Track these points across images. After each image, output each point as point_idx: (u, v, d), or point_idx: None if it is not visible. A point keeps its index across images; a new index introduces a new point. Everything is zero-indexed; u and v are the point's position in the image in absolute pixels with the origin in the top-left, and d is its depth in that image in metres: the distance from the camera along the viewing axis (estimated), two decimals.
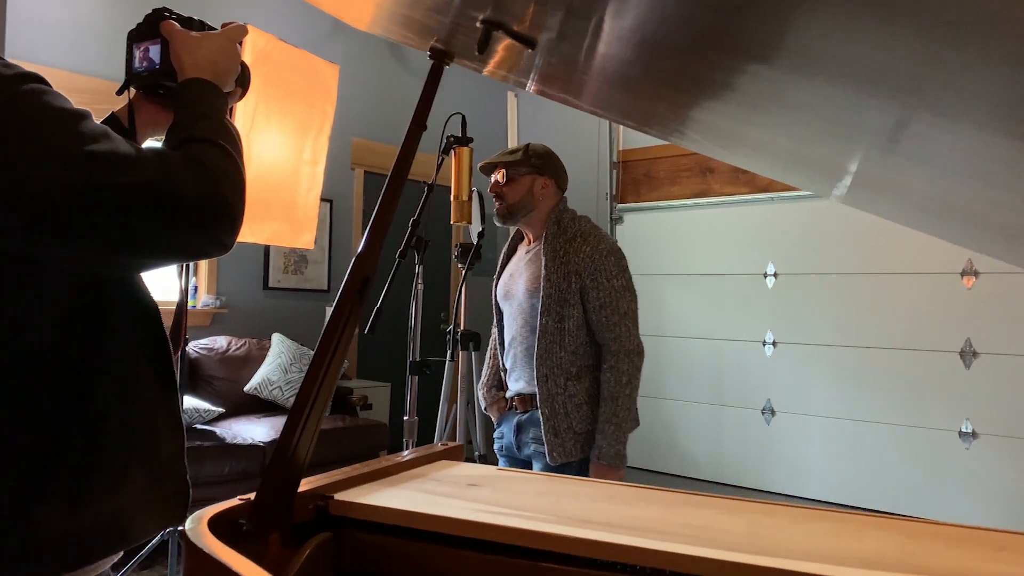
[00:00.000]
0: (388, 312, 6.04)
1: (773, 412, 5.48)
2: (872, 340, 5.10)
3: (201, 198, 0.97)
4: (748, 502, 1.25)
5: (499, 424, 2.54)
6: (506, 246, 2.61)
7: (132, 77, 1.17)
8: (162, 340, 1.13)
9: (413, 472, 1.29)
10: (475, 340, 3.17)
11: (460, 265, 3.17)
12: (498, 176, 2.40)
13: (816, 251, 5.33)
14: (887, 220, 1.96)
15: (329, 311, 5.11)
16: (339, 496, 1.12)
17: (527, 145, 2.42)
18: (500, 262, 2.61)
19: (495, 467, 1.35)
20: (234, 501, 1.04)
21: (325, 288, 5.54)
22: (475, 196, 2.41)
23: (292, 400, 4.54)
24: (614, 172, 6.28)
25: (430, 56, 0.90)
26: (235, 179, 1.04)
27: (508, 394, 2.51)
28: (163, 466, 1.09)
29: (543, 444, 2.29)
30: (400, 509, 1.07)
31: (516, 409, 2.44)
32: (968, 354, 4.76)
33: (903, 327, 4.99)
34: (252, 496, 1.04)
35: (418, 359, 2.27)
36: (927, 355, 4.90)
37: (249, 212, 2.95)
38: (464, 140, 2.31)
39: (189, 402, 3.96)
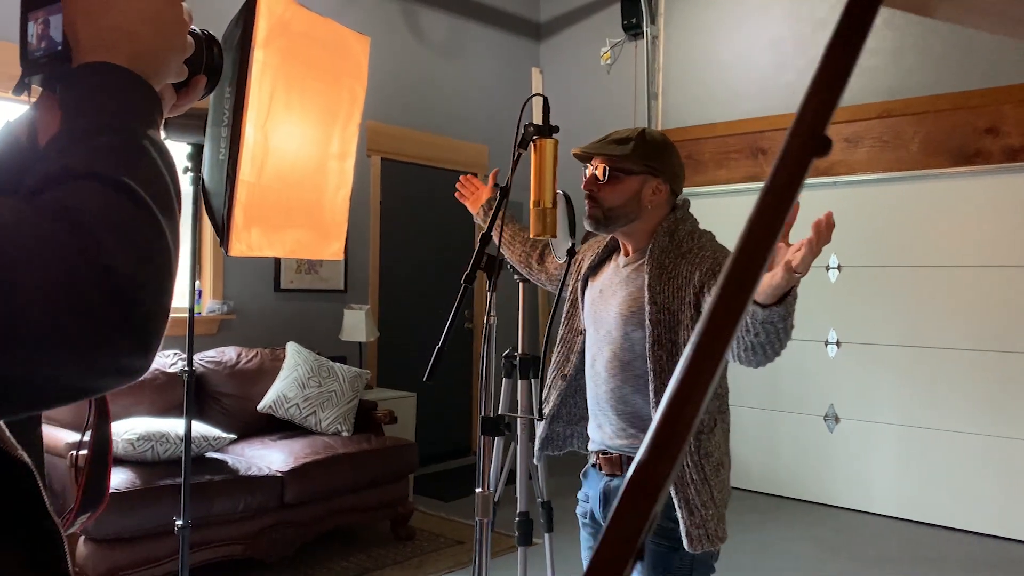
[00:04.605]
0: (415, 309, 5.53)
1: (836, 419, 4.99)
2: (950, 340, 4.60)
3: (69, 292, 0.52)
4: None
5: (584, 480, 2.02)
6: (596, 250, 2.03)
7: (28, 65, 0.68)
8: (38, 524, 0.64)
9: None
10: (535, 366, 2.67)
11: (516, 277, 2.66)
12: (597, 170, 1.85)
13: (885, 241, 4.81)
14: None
15: (347, 313, 4.49)
16: None
17: (642, 132, 1.85)
18: (583, 269, 2.04)
19: None
20: None
21: (342, 288, 5.03)
22: (561, 201, 1.87)
23: (311, 419, 4.05)
24: None
25: None
26: (145, 248, 0.57)
27: (590, 447, 1.99)
28: None
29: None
30: None
31: (600, 469, 1.92)
32: None
33: (987, 326, 4.48)
34: None
35: (494, 414, 1.75)
36: (1016, 358, 4.40)
37: (266, 219, 2.40)
38: (547, 129, 1.77)
39: (195, 428, 3.45)
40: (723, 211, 5.42)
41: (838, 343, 5.01)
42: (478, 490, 1.74)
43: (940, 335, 4.64)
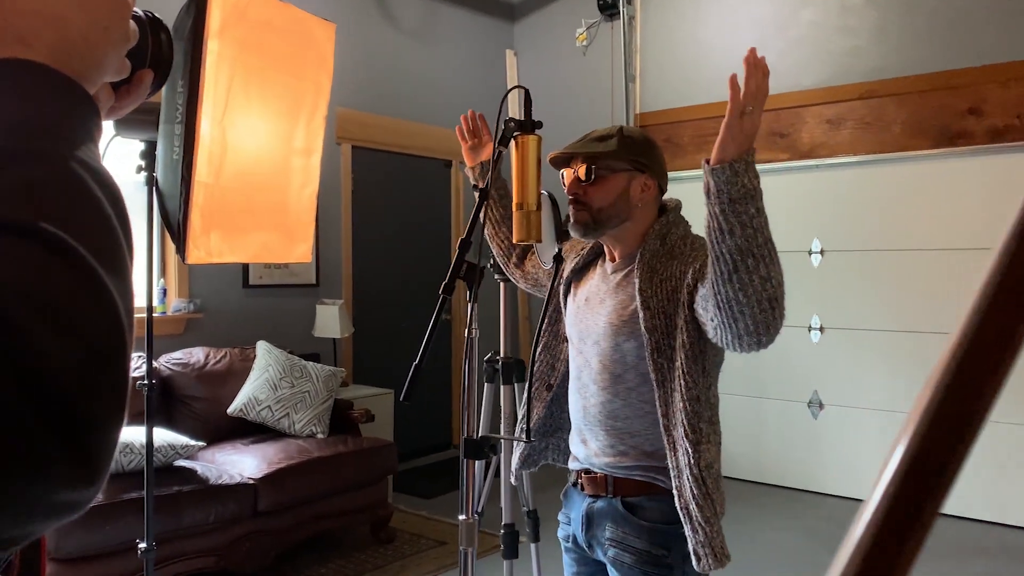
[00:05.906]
0: (391, 302, 5.37)
1: (821, 405, 4.93)
2: (935, 324, 4.54)
3: None
4: None
5: (565, 501, 1.90)
6: (580, 252, 1.90)
7: None
8: None
9: None
10: (519, 370, 2.54)
11: (497, 277, 2.52)
12: (579, 171, 1.72)
13: (868, 224, 4.74)
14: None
15: (320, 309, 4.26)
16: None
17: (620, 129, 1.73)
18: (565, 273, 1.90)
19: None
20: None
21: (314, 282, 4.86)
22: (546, 202, 1.74)
23: (284, 421, 3.89)
24: None
25: None
26: (86, 325, 0.41)
27: (571, 465, 1.87)
28: None
29: (628, 549, 1.66)
30: None
31: (582, 489, 1.80)
32: None
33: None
34: None
35: (478, 435, 1.63)
36: None
37: (227, 223, 2.23)
38: (529, 125, 1.63)
39: (163, 436, 3.30)
40: (703, 195, 5.31)
41: (821, 328, 4.95)
42: (461, 517, 1.62)
43: (925, 319, 4.58)
